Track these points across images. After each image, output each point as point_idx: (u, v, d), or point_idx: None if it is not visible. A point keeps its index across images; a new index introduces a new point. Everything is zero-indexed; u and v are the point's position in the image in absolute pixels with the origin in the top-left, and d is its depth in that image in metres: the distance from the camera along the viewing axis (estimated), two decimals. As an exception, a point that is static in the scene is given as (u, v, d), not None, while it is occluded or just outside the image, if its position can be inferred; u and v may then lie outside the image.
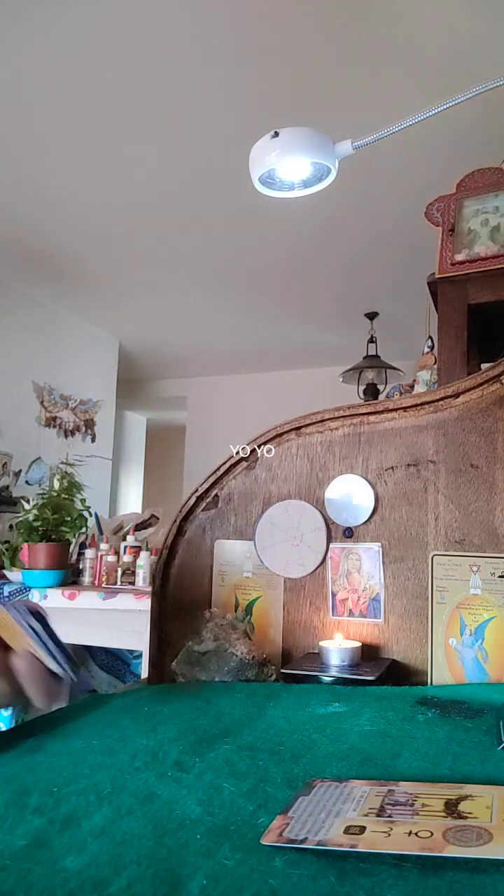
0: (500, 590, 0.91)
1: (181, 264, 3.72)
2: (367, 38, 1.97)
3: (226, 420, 5.69)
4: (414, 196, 2.52)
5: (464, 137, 2.37)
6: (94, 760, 0.58)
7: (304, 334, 4.85)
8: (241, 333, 4.90)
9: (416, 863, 0.40)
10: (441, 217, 1.49)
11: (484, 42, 1.98)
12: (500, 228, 1.42)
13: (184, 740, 0.63)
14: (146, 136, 2.53)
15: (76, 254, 3.61)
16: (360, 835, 0.42)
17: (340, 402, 1.15)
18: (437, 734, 0.66)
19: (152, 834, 0.44)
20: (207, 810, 0.48)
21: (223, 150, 2.58)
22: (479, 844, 0.40)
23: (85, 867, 0.40)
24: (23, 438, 4.16)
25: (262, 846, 0.42)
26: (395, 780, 0.53)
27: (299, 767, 0.57)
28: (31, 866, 0.40)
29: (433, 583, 0.95)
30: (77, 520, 2.16)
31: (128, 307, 4.44)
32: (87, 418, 4.81)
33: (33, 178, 2.85)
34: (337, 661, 0.92)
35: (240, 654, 0.93)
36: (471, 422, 0.97)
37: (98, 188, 2.93)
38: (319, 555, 1.03)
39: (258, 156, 0.99)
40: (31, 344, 4.25)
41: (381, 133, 0.99)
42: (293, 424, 1.07)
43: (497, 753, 0.60)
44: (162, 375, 6.16)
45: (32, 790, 0.52)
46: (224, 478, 1.11)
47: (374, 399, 3.75)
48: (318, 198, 1.26)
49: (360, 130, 1.04)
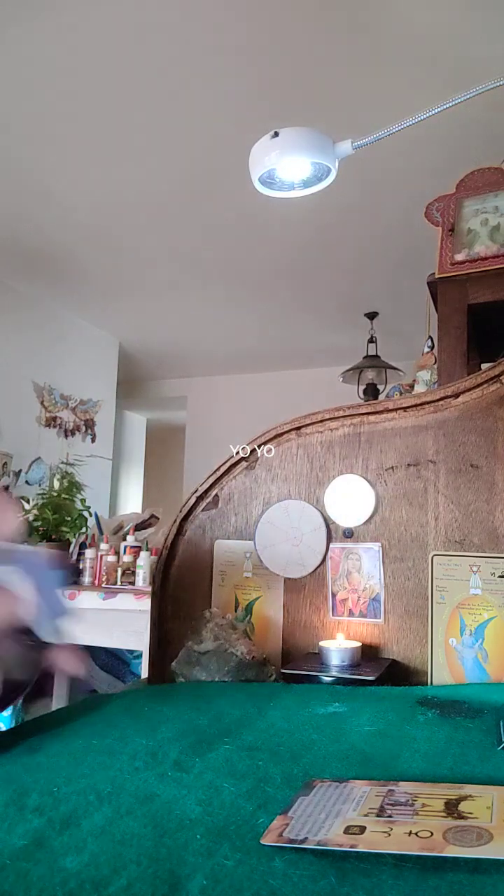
0: (500, 590, 0.91)
1: (182, 264, 3.72)
2: (368, 38, 1.97)
3: (226, 420, 5.68)
4: (414, 196, 2.51)
5: (464, 137, 2.37)
6: (93, 760, 0.58)
7: (304, 334, 4.85)
8: (241, 333, 4.90)
9: (416, 863, 0.40)
10: (441, 217, 1.49)
11: (484, 42, 1.98)
12: (499, 228, 1.42)
13: (183, 740, 0.63)
14: (146, 135, 2.53)
15: (76, 254, 3.61)
16: (361, 835, 0.42)
17: (340, 402, 1.15)
18: (437, 734, 0.66)
19: (152, 834, 0.44)
20: (207, 810, 0.48)
21: (223, 150, 2.58)
22: (479, 844, 0.40)
23: (84, 867, 0.40)
24: (23, 438, 4.16)
25: (261, 846, 0.42)
26: (395, 780, 0.53)
27: (299, 768, 0.57)
28: (31, 866, 0.40)
29: (433, 583, 0.95)
30: (77, 520, 2.16)
31: (128, 307, 4.44)
32: (87, 418, 4.81)
33: (33, 177, 2.85)
34: (337, 661, 0.92)
35: (240, 654, 0.93)
36: (471, 422, 0.97)
37: (98, 188, 2.93)
38: (319, 555, 1.03)
39: (258, 156, 0.99)
40: (32, 344, 4.25)
41: (381, 133, 0.99)
42: (293, 424, 1.07)
43: (497, 753, 0.60)
44: (162, 375, 6.16)
45: (32, 790, 0.51)
46: (224, 478, 1.10)
47: (374, 399, 3.75)
48: (319, 198, 1.26)
49: (361, 130, 1.04)
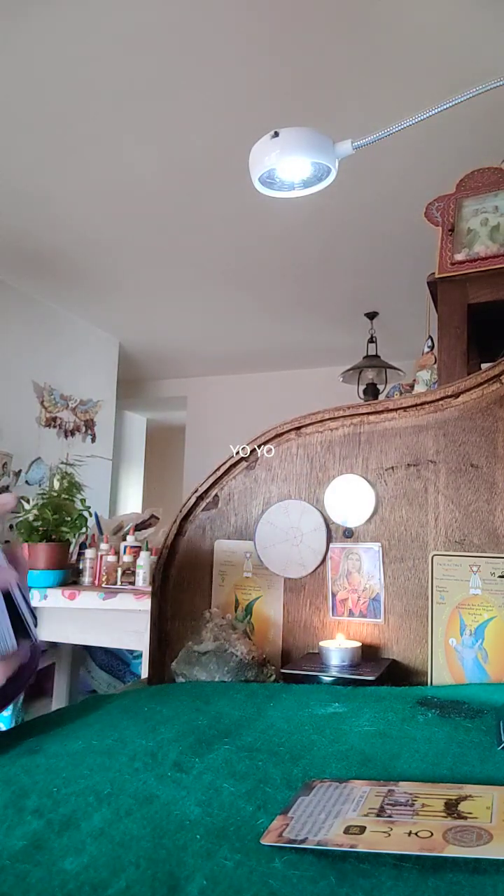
0: (500, 590, 0.91)
1: (181, 264, 3.71)
2: (368, 38, 1.97)
3: (226, 420, 5.69)
4: (414, 196, 2.51)
5: (464, 137, 2.37)
6: (93, 761, 0.58)
7: (304, 334, 4.85)
8: (241, 333, 4.90)
9: (416, 863, 0.40)
10: (441, 217, 1.49)
11: (484, 42, 1.98)
12: (499, 228, 1.42)
13: (183, 741, 0.62)
14: (146, 135, 2.52)
15: (76, 253, 3.61)
16: (360, 835, 0.42)
17: (340, 402, 1.15)
18: (436, 734, 0.66)
19: (151, 835, 0.44)
20: (207, 811, 0.48)
21: (223, 150, 2.58)
22: (479, 844, 0.40)
23: (83, 869, 0.40)
24: (23, 438, 4.16)
25: (261, 847, 0.42)
26: (395, 780, 0.53)
27: (299, 768, 0.57)
28: (30, 868, 0.40)
29: (433, 583, 0.95)
30: (77, 520, 2.16)
31: (128, 307, 4.44)
32: (87, 418, 4.81)
33: (33, 177, 2.85)
34: (337, 662, 0.92)
35: (240, 654, 0.93)
36: (471, 421, 0.97)
37: (99, 187, 2.93)
38: (319, 555, 1.03)
39: (258, 156, 0.99)
40: (32, 344, 4.25)
41: (381, 133, 0.99)
42: (293, 424, 1.07)
43: (497, 753, 0.59)
44: (162, 375, 6.16)
45: (31, 791, 0.51)
46: (224, 478, 1.10)
47: (374, 399, 3.75)
48: (319, 198, 1.26)
49: (361, 130, 1.04)
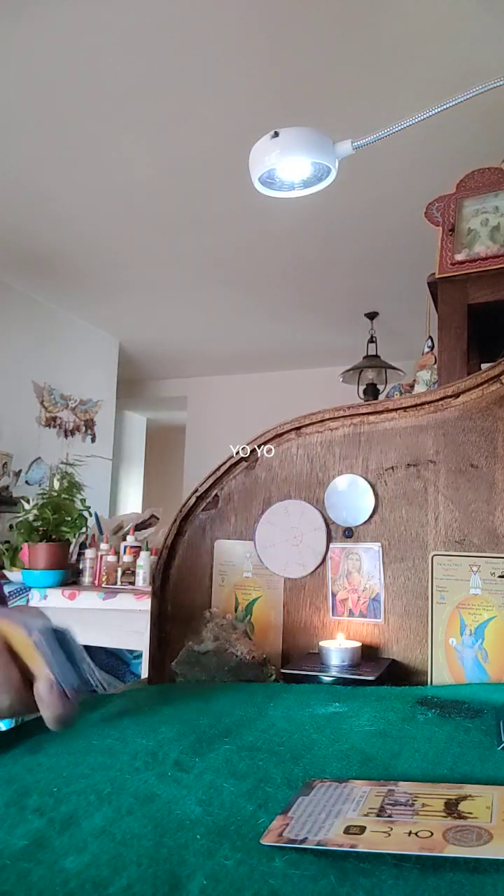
0: (500, 590, 0.91)
1: (181, 264, 3.72)
2: (368, 37, 1.97)
3: (226, 420, 5.69)
4: (414, 196, 2.52)
5: (464, 137, 2.37)
6: (93, 760, 0.58)
7: (304, 334, 4.85)
8: (240, 333, 4.90)
9: (416, 863, 0.40)
10: (441, 217, 1.49)
11: (484, 42, 1.98)
12: (500, 228, 1.42)
13: (184, 740, 0.63)
14: (146, 135, 2.53)
15: (77, 254, 3.61)
16: (361, 835, 0.42)
17: (340, 402, 1.15)
18: (436, 734, 0.66)
19: (152, 834, 0.44)
20: (207, 810, 0.48)
21: (223, 150, 2.58)
22: (479, 844, 0.40)
23: (85, 867, 0.40)
24: (23, 438, 4.16)
25: (262, 846, 0.42)
26: (395, 780, 0.53)
27: (299, 768, 0.57)
28: (32, 866, 0.40)
29: (433, 583, 0.95)
30: (77, 520, 2.17)
31: (128, 307, 4.44)
32: (87, 418, 4.81)
33: (33, 177, 2.85)
34: (337, 661, 0.92)
35: (240, 654, 0.93)
36: (471, 421, 0.97)
37: (98, 187, 2.93)
38: (319, 555, 1.03)
39: (258, 155, 0.99)
40: (32, 344, 4.25)
41: (381, 133, 0.99)
42: (293, 424, 1.07)
43: (497, 753, 0.60)
44: (162, 375, 6.17)
45: (32, 790, 0.52)
46: (224, 478, 1.10)
47: (374, 399, 3.75)
48: (319, 198, 1.26)
49: (361, 130, 1.04)
